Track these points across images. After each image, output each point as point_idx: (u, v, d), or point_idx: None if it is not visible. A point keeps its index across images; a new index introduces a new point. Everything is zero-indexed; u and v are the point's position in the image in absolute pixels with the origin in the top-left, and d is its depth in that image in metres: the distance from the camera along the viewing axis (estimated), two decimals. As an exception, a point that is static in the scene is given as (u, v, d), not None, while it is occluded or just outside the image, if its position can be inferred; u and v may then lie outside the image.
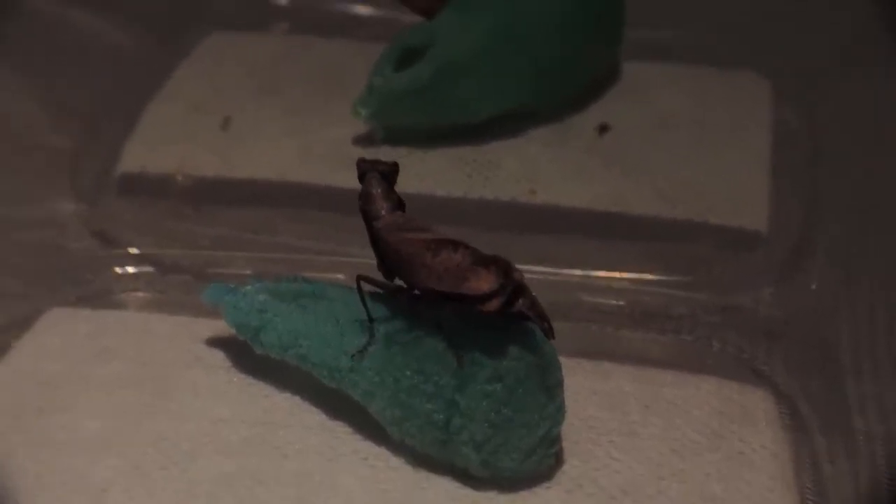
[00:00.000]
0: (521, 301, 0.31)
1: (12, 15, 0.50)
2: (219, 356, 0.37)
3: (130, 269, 0.42)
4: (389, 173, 0.33)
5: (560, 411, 0.32)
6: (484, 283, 0.30)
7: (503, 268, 0.31)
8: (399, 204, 0.33)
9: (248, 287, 0.36)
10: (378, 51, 0.50)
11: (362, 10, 0.57)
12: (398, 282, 0.33)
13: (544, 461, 0.32)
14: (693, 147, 0.46)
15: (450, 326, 0.32)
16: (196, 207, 0.46)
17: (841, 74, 0.48)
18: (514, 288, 0.30)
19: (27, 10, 0.52)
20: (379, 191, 0.33)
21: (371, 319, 0.33)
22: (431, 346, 0.32)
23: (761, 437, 0.33)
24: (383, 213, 0.33)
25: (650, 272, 0.41)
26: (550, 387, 0.32)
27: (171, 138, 0.48)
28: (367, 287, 0.33)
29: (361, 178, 0.34)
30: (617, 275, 0.41)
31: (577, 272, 0.42)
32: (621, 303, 0.40)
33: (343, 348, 0.33)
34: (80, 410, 0.34)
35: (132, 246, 0.43)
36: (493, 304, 0.30)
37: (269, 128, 0.48)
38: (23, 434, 0.34)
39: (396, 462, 0.33)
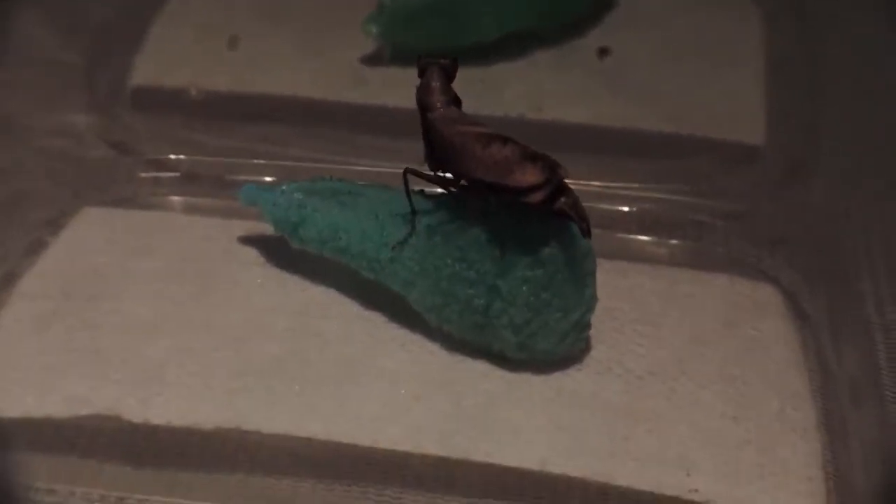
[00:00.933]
0: (563, 199, 0.32)
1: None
2: (253, 253, 0.38)
3: (153, 175, 0.43)
4: (450, 68, 0.35)
5: (593, 298, 0.34)
6: (530, 176, 0.32)
7: (549, 164, 0.32)
8: (455, 99, 0.34)
9: (284, 186, 0.37)
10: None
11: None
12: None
13: (577, 344, 0.34)
14: (691, 69, 0.48)
15: (494, 217, 0.33)
16: (209, 120, 0.47)
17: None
18: (558, 185, 0.32)
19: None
20: (438, 84, 0.34)
21: (414, 212, 0.34)
22: (474, 235, 0.33)
23: (772, 326, 0.36)
24: (439, 105, 0.34)
25: (656, 183, 0.43)
26: (585, 275, 0.34)
27: (181, 55, 0.49)
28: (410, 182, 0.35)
29: (422, 71, 0.35)
30: (624, 184, 0.43)
31: (586, 183, 0.44)
32: (632, 209, 0.42)
33: (384, 240, 0.35)
34: (127, 298, 0.36)
35: (150, 154, 0.44)
36: (537, 197, 0.32)
37: (278, 48, 0.49)
38: (76, 316, 0.35)
39: (433, 347, 0.35)
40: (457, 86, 0.46)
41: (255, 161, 0.44)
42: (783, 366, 0.34)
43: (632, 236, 0.41)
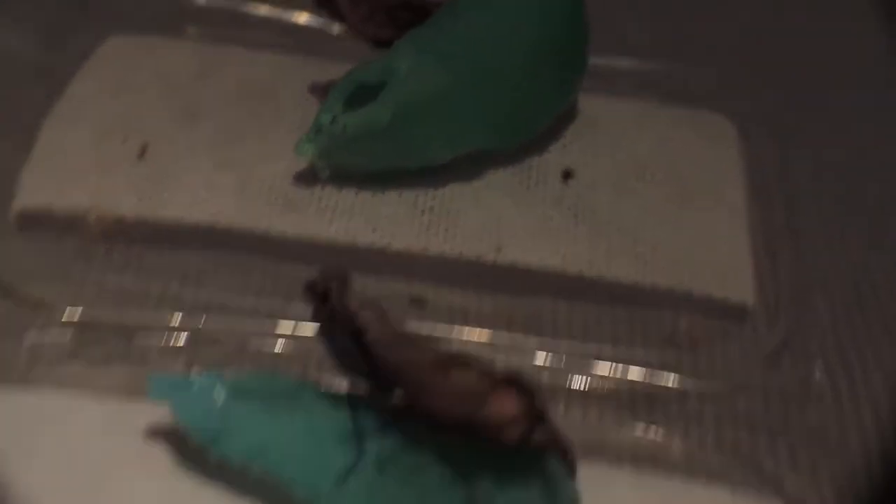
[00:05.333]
0: (541, 428, 0.27)
1: None
2: (161, 454, 0.31)
3: (40, 332, 0.36)
4: (347, 282, 0.29)
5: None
6: (506, 406, 0.26)
7: (525, 389, 0.26)
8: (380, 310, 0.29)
9: (202, 379, 0.30)
10: (312, 64, 0.46)
11: (288, 17, 0.51)
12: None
13: None
14: (666, 201, 0.43)
15: (459, 452, 0.27)
16: (110, 251, 0.40)
17: (810, 117, 0.46)
18: (535, 414, 0.26)
19: None
20: (353, 302, 0.28)
21: (361, 436, 0.28)
22: (435, 474, 0.27)
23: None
24: (374, 326, 0.28)
25: (630, 346, 0.38)
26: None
27: (78, 168, 0.42)
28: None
29: (324, 294, 0.29)
30: (596, 345, 0.37)
31: (548, 340, 0.38)
32: (606, 384, 0.36)
33: (324, 465, 0.28)
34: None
35: (37, 296, 0.37)
36: (514, 431, 0.26)
37: (195, 159, 0.42)
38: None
39: None
40: (405, 213, 0.41)
41: (164, 314, 0.37)
42: None
43: (608, 421, 0.35)
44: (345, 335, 0.28)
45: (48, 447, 0.31)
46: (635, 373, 0.37)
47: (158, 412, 0.32)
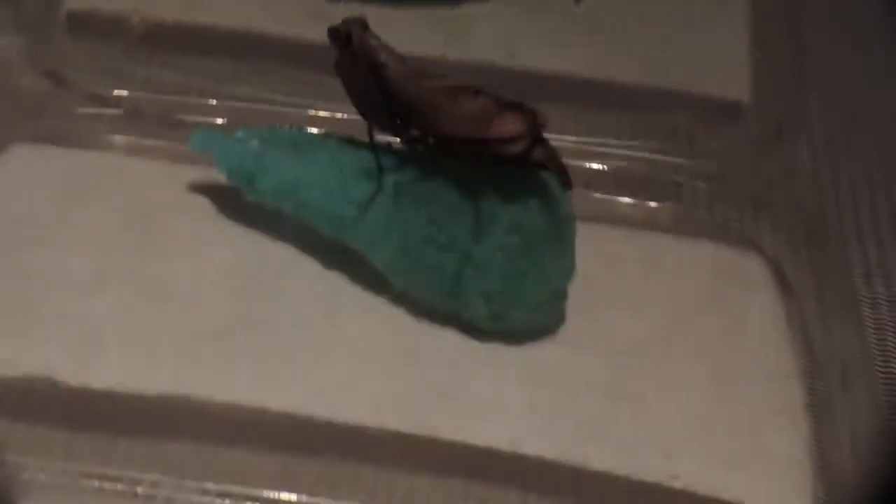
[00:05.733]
0: (540, 150, 0.30)
1: None
2: (203, 203, 0.35)
3: (91, 111, 0.39)
4: (367, 26, 0.32)
5: (573, 267, 0.32)
6: (510, 125, 0.30)
7: (527, 112, 0.30)
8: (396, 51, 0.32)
9: (239, 133, 0.34)
10: None
11: None
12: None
13: (552, 316, 0.32)
14: (672, 17, 0.45)
15: (467, 177, 0.31)
16: (153, 52, 0.43)
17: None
18: (537, 135, 0.30)
19: None
20: (377, 41, 0.32)
21: (381, 168, 0.32)
22: (446, 196, 0.31)
23: (758, 300, 0.34)
24: (391, 62, 0.31)
25: (634, 140, 0.41)
26: (565, 241, 0.31)
27: (122, -25, 0.45)
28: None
29: (346, 36, 0.32)
30: (600, 140, 0.41)
31: (560, 137, 0.41)
32: (609, 167, 0.39)
33: (347, 197, 0.32)
34: (63, 248, 0.33)
35: (88, 87, 0.41)
36: (517, 148, 0.30)
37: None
38: (5, 266, 0.31)
39: (398, 312, 0.32)
40: (422, 28, 0.44)
41: (204, 100, 0.41)
42: (770, 345, 0.33)
43: (608, 196, 0.39)
44: (366, 74, 0.31)
45: (100, 197, 0.35)
46: (633, 158, 0.40)
47: (201, 172, 0.36)
